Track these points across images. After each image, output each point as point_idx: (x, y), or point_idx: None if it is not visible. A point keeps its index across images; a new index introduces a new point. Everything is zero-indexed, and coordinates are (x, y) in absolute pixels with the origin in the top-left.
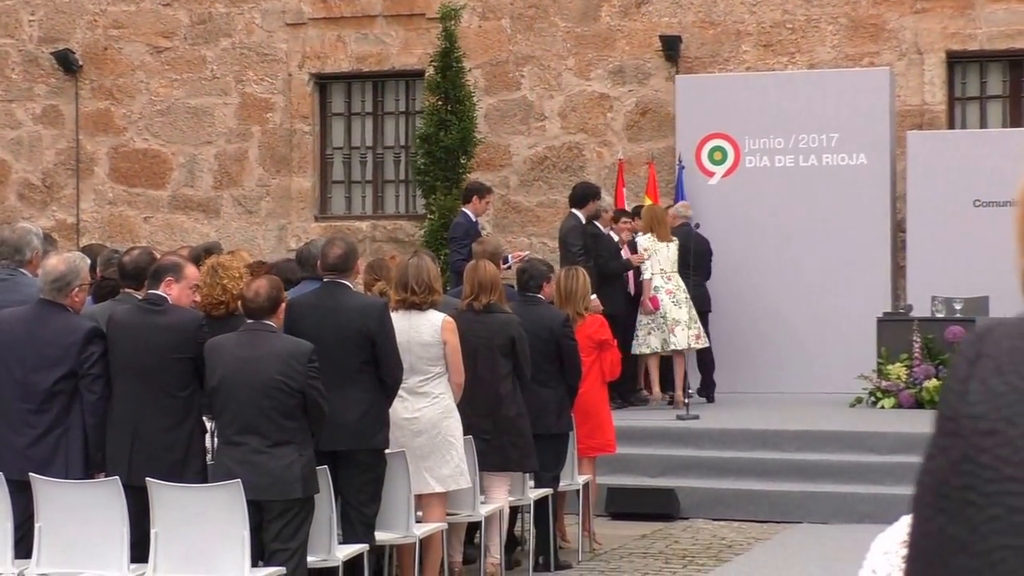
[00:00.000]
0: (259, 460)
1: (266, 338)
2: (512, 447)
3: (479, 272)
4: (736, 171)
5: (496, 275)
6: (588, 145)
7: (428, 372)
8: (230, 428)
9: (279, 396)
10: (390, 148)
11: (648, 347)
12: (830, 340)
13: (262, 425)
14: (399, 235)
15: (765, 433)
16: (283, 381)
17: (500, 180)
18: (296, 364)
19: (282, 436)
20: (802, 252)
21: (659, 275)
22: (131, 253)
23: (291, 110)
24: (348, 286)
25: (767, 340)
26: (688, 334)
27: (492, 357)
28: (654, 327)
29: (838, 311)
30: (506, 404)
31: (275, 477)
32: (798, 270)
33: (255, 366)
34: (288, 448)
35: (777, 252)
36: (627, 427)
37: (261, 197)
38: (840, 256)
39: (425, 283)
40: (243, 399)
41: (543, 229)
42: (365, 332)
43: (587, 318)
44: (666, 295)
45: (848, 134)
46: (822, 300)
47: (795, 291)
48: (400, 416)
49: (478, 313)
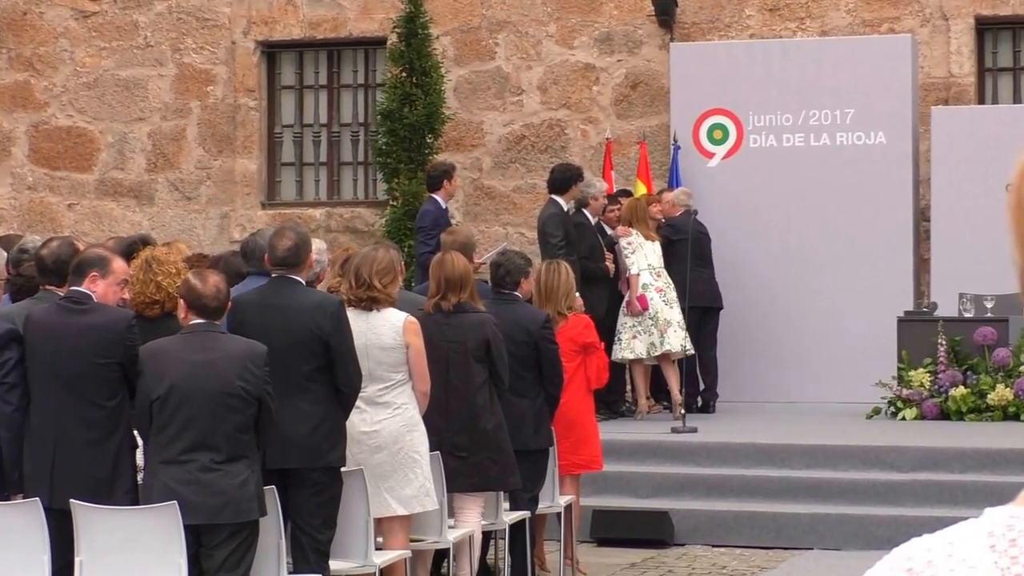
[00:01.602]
0: (210, 479)
1: (217, 340)
2: (492, 464)
3: (447, 266)
4: (738, 152)
5: (467, 269)
6: (571, 122)
7: (389, 379)
8: (177, 443)
9: (239, 405)
10: (347, 126)
11: (632, 352)
12: (844, 343)
13: (217, 438)
14: (357, 224)
15: (771, 448)
16: (242, 387)
17: (472, 162)
18: (253, 368)
19: (236, 450)
20: (812, 244)
21: (647, 271)
22: (50, 245)
23: (235, 83)
24: (299, 282)
25: (773, 344)
26: (680, 337)
27: (465, 363)
28: (640, 330)
29: (853, 310)
30: (484, 416)
31: (229, 497)
32: (808, 264)
33: (211, 371)
34: (241, 464)
35: (784, 243)
36: (615, 441)
37: (201, 181)
38: (856, 248)
39: (384, 275)
40: (198, 409)
41: (520, 217)
42: (318, 334)
43: (570, 319)
44: (656, 293)
45: (865, 110)
46: (835, 298)
47: (804, 288)
48: (358, 430)
49: (447, 314)
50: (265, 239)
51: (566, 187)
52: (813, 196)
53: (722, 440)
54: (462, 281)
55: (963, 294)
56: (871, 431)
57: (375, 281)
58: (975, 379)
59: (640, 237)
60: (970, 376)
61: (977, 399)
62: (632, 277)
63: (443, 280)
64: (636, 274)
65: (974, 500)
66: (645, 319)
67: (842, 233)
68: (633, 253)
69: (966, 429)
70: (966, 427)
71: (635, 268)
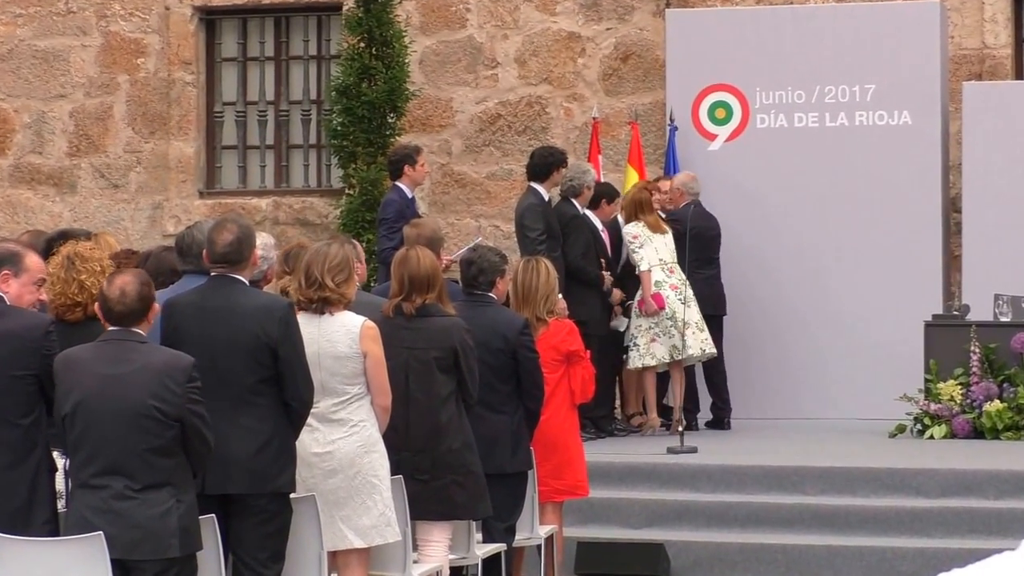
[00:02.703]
0: (125, 508)
1: (135, 350)
2: (458, 489)
3: (411, 263)
4: (743, 133)
5: (434, 267)
6: (553, 100)
7: (345, 393)
8: (89, 467)
9: (152, 427)
10: (297, 104)
11: (653, 357)
12: (864, 352)
13: (130, 463)
14: (309, 216)
15: (781, 471)
16: (156, 407)
17: (440, 145)
18: (172, 384)
19: (155, 477)
20: (827, 238)
21: (659, 267)
22: None
23: (169, 54)
24: (242, 282)
25: (782, 353)
26: (700, 339)
27: (428, 374)
28: (659, 331)
29: (874, 314)
30: (449, 434)
31: (146, 530)
32: (822, 262)
33: (122, 387)
34: (163, 492)
35: (795, 238)
36: (603, 464)
37: (130, 167)
38: (877, 244)
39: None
40: (107, 430)
41: (495, 208)
42: (264, 341)
43: (551, 324)
44: (671, 291)
45: (888, 86)
46: (853, 300)
47: (818, 289)
48: (309, 451)
49: (409, 317)
50: (203, 233)
51: (547, 173)
52: (828, 184)
53: (725, 462)
54: (429, 280)
55: (999, 295)
56: (894, 451)
57: (328, 280)
58: (1012, 392)
59: (647, 229)
60: (1007, 389)
61: (1015, 415)
62: (643, 274)
63: (407, 279)
64: (647, 270)
65: (1010, 530)
66: (663, 319)
67: (861, 226)
68: (641, 247)
69: (1002, 449)
70: (1002, 447)
71: (644, 264)
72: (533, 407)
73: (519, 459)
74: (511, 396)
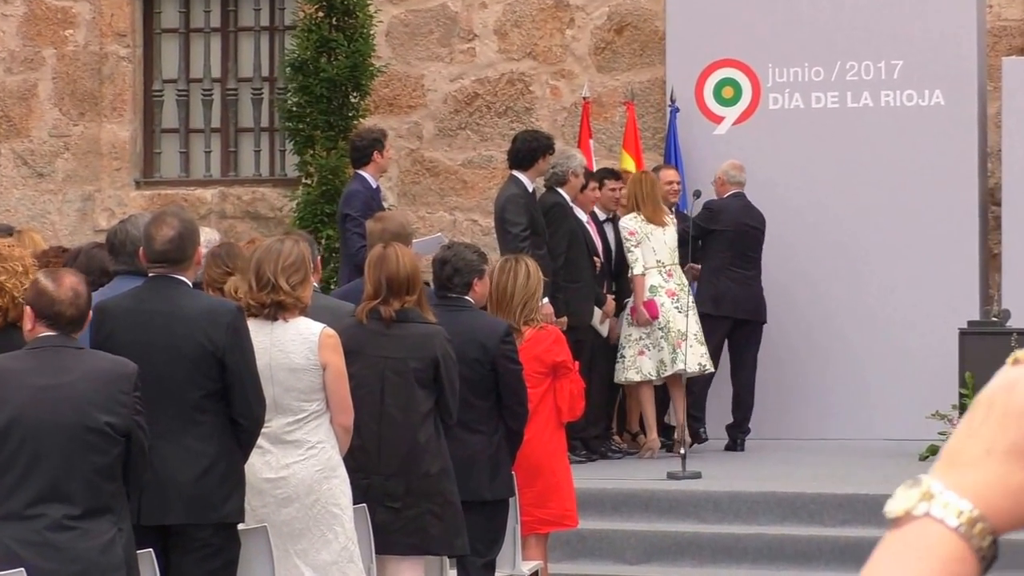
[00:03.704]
0: (63, 540)
1: (74, 358)
2: (434, 520)
3: (390, 263)
4: (754, 115)
5: (415, 267)
6: (538, 77)
7: (301, 410)
8: (21, 494)
9: (101, 443)
10: (246, 81)
11: (639, 372)
12: (890, 363)
13: (71, 486)
14: (260, 209)
15: (796, 499)
16: (107, 420)
17: (409, 128)
18: (121, 395)
19: (97, 502)
20: (849, 235)
21: (655, 269)
22: None
23: (101, 25)
24: (184, 283)
25: (796, 365)
26: (699, 353)
27: (406, 388)
28: (649, 343)
29: (902, 321)
30: (426, 457)
31: (88, 563)
32: (842, 260)
33: (64, 399)
34: (105, 520)
35: (811, 233)
36: (594, 490)
37: (57, 153)
38: (905, 240)
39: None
40: (48, 448)
41: (472, 200)
42: (210, 350)
43: (535, 331)
44: (667, 298)
45: (917, 61)
46: (878, 305)
47: (839, 292)
48: (260, 476)
49: (387, 323)
50: (140, 228)
51: (531, 161)
52: (849, 173)
53: (734, 488)
54: (409, 282)
55: None
56: None
57: (281, 282)
58: None
59: (646, 223)
60: None
61: None
62: (636, 278)
63: (384, 281)
64: (641, 274)
65: None
66: (654, 331)
67: (886, 220)
68: (637, 246)
69: None
70: None
71: (639, 266)
72: (515, 426)
73: (499, 485)
74: (490, 413)
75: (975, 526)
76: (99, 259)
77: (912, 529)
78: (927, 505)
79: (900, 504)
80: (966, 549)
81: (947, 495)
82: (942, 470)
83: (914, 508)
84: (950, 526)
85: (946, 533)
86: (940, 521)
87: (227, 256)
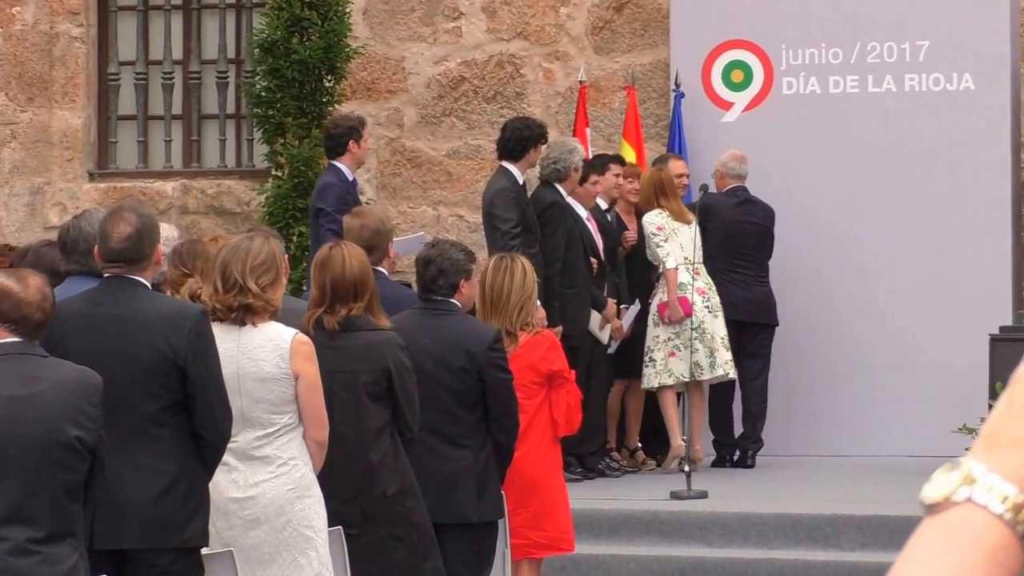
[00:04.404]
0: (24, 567)
1: (40, 366)
2: (397, 544)
3: (334, 266)
4: (766, 101)
5: (364, 270)
6: (530, 59)
7: (271, 424)
8: None
9: (71, 459)
10: (211, 63)
11: (672, 376)
12: (915, 372)
13: (38, 507)
14: (226, 203)
15: (811, 520)
16: (78, 435)
17: (389, 115)
18: (88, 407)
19: (61, 524)
20: (869, 231)
21: (684, 267)
22: None
23: (52, 3)
24: (142, 285)
25: (811, 373)
26: (725, 359)
27: (356, 403)
28: (680, 343)
29: (927, 326)
30: (382, 477)
31: None
32: (863, 259)
33: (34, 412)
34: (67, 544)
35: (829, 230)
36: (591, 511)
37: (3, 143)
38: (931, 238)
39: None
40: (14, 465)
41: (458, 193)
42: (170, 357)
43: (530, 337)
44: (698, 296)
45: (945, 42)
46: (902, 309)
47: (858, 296)
48: (226, 495)
49: (332, 334)
50: (94, 224)
51: (522, 151)
52: (870, 164)
53: (743, 509)
54: (357, 287)
55: None
56: None
57: (250, 283)
58: None
59: (672, 219)
60: None
61: None
62: (668, 272)
63: (328, 285)
64: (674, 268)
65: None
66: (686, 329)
67: (911, 217)
68: (666, 241)
69: None
70: None
71: (671, 261)
72: (504, 441)
73: (487, 506)
74: (477, 427)
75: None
76: (49, 258)
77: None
78: (969, 490)
79: (939, 489)
80: (1012, 537)
81: (990, 478)
82: (983, 452)
83: (954, 493)
84: (994, 512)
85: (990, 520)
86: (984, 507)
87: (188, 255)
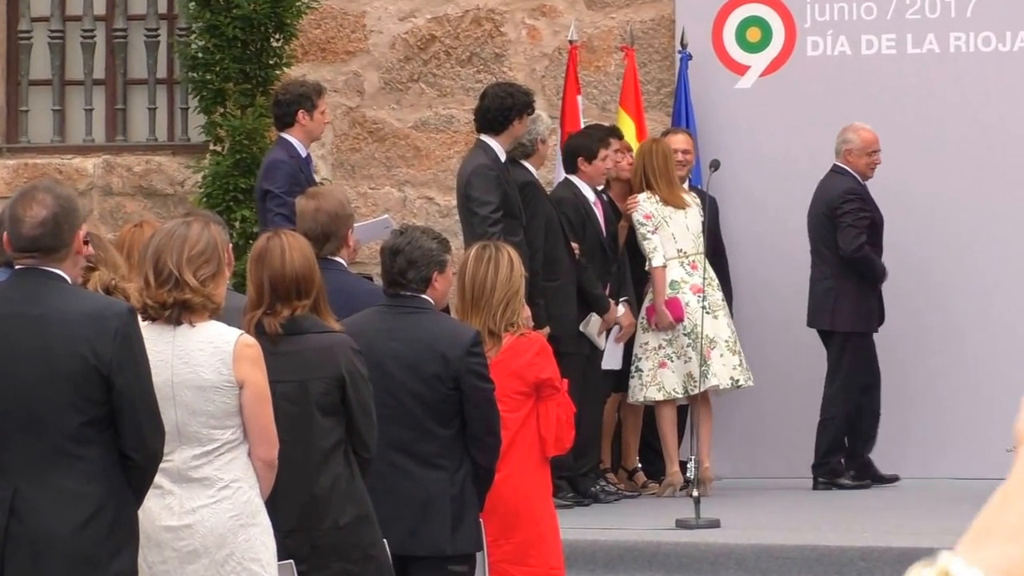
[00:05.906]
0: None
1: None
2: None
3: (272, 260)
4: (787, 64)
5: (307, 262)
6: (512, 15)
7: (211, 440)
8: None
9: None
10: (138, 20)
11: (662, 389)
12: (960, 380)
13: None
14: (156, 183)
15: (841, 554)
16: None
17: (347, 80)
18: None
19: None
20: (909, 216)
21: (677, 260)
22: None
23: None
24: (61, 278)
25: None
26: (731, 364)
27: (304, 418)
28: (672, 352)
29: (974, 325)
30: (333, 504)
31: None
32: (901, 250)
33: None
34: None
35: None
36: (585, 542)
37: None
38: (982, 224)
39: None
40: None
41: (427, 172)
42: (93, 364)
43: (513, 340)
44: (692, 295)
45: None
46: (949, 309)
47: (896, 291)
48: (159, 523)
49: (275, 338)
50: (2, 211)
51: (504, 123)
52: (910, 136)
53: (759, 540)
54: (300, 283)
55: None
56: None
57: (187, 276)
58: None
59: (663, 205)
60: None
61: None
62: (656, 271)
63: (266, 283)
64: (661, 265)
65: None
66: (678, 336)
67: (957, 198)
68: (654, 232)
69: None
70: None
71: (658, 257)
72: (484, 461)
73: (463, 536)
74: (453, 445)
75: None
76: None
77: None
78: None
79: None
80: None
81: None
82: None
83: None
84: None
85: None
86: None
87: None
